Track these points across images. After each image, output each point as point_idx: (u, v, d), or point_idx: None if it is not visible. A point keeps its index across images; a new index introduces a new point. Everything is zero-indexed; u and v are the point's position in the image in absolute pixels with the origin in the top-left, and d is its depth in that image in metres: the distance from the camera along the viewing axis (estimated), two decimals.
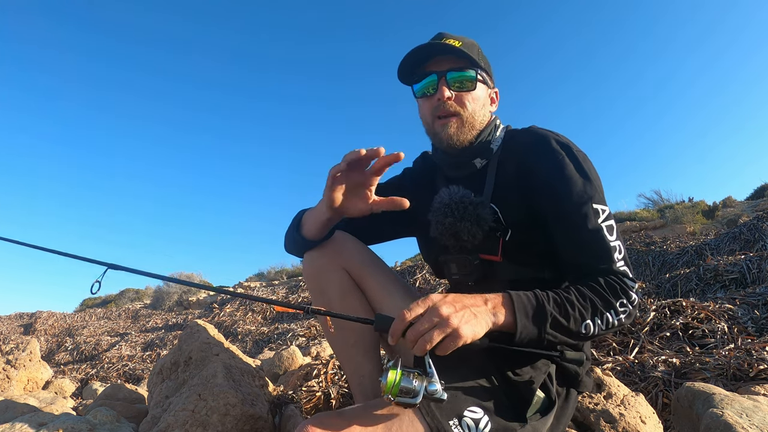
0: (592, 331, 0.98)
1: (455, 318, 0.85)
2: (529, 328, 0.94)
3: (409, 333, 0.86)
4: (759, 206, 9.36)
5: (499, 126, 1.29)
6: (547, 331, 0.95)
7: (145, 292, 15.06)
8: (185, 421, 1.45)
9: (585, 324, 0.97)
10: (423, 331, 0.85)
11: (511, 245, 1.15)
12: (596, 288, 1.01)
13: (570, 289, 1.00)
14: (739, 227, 5.61)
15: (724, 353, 1.87)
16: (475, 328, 0.87)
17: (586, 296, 0.99)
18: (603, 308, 0.99)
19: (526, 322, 0.94)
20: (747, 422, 1.01)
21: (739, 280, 3.67)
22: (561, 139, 1.16)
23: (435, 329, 0.84)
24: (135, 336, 7.85)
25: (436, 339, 0.84)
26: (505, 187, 1.19)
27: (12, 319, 11.66)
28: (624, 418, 1.30)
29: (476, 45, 1.25)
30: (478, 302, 0.92)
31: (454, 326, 0.85)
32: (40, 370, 3.11)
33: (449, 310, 0.86)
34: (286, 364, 2.68)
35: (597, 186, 1.11)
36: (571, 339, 0.98)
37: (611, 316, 1.00)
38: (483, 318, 0.90)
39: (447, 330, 0.84)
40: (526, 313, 0.94)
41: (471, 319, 0.88)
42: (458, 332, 0.85)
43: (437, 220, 1.19)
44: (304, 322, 6.08)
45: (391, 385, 0.84)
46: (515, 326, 0.93)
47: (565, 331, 0.96)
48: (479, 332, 0.88)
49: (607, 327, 1.00)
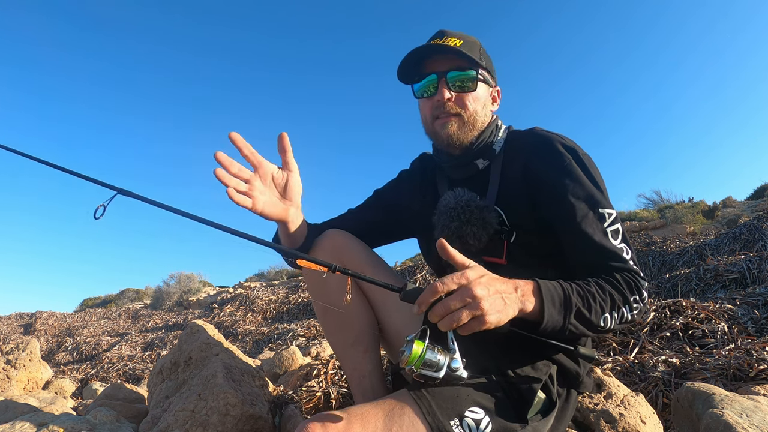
0: (609, 325, 0.99)
1: (486, 302, 0.84)
2: (554, 318, 0.94)
3: (438, 307, 0.84)
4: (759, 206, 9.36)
5: (501, 126, 1.28)
6: (570, 321, 0.95)
7: (145, 292, 15.06)
8: (185, 421, 1.45)
9: (604, 317, 0.98)
10: (453, 308, 0.83)
11: (516, 248, 1.15)
12: (614, 282, 1.01)
13: (590, 282, 1.01)
14: (739, 227, 5.62)
15: (724, 353, 1.87)
16: (501, 315, 0.87)
17: (605, 290, 1.00)
18: (620, 303, 1.00)
19: (553, 311, 0.94)
20: (747, 422, 1.01)
21: (739, 280, 3.66)
22: (566, 141, 1.16)
23: (465, 309, 0.83)
24: (135, 336, 7.85)
25: (464, 319, 0.83)
26: (510, 189, 1.18)
27: (12, 319, 11.66)
28: (624, 418, 1.30)
29: (478, 43, 1.24)
30: (509, 288, 0.90)
31: (484, 310, 0.83)
32: (40, 370, 3.11)
33: (483, 292, 0.84)
34: (286, 364, 2.68)
35: (603, 189, 1.11)
36: (589, 331, 0.99)
37: (626, 311, 1.01)
38: (511, 306, 0.89)
39: (476, 312, 0.83)
40: (553, 303, 0.94)
41: (501, 305, 0.87)
42: (485, 318, 0.84)
43: (443, 224, 1.19)
44: (304, 322, 6.07)
45: (416, 357, 0.83)
46: (542, 315, 0.93)
47: (586, 323, 0.97)
48: (504, 320, 0.87)
49: (621, 321, 1.01)
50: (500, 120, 1.30)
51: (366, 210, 1.45)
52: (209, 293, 12.45)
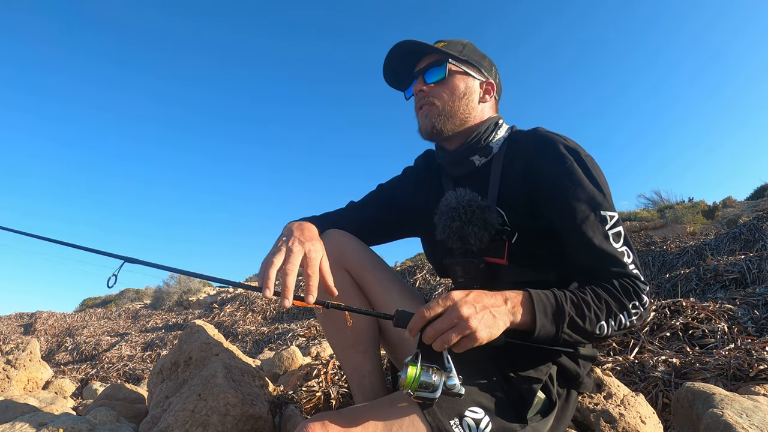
0: (606, 332, 0.99)
1: (474, 320, 0.86)
2: (547, 328, 0.94)
3: (428, 330, 0.87)
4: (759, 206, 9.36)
5: (501, 125, 1.28)
6: (563, 330, 0.95)
7: (145, 292, 15.05)
8: (185, 421, 1.45)
9: (600, 325, 0.97)
10: (442, 330, 0.86)
11: (517, 248, 1.15)
12: (610, 289, 1.01)
13: (585, 290, 1.00)
14: (739, 227, 5.62)
15: (724, 353, 1.87)
16: (492, 330, 0.88)
17: (601, 297, 0.99)
18: (617, 310, 0.99)
19: (545, 321, 0.94)
20: (747, 422, 1.01)
21: (739, 280, 3.67)
22: (569, 143, 1.15)
23: (453, 330, 0.85)
24: (135, 336, 7.85)
25: (454, 340, 0.85)
26: (511, 189, 1.18)
27: (12, 319, 11.66)
28: (624, 418, 1.30)
29: (463, 42, 1.28)
30: (498, 302, 0.91)
31: (472, 328, 0.85)
32: (40, 370, 3.11)
33: (469, 311, 0.86)
34: (286, 364, 2.68)
35: (605, 192, 1.10)
36: (585, 339, 0.99)
37: (624, 318, 1.00)
38: (501, 319, 0.90)
39: (465, 332, 0.85)
40: (545, 313, 0.94)
41: (490, 321, 0.88)
42: (475, 335, 0.86)
43: (444, 224, 1.19)
44: (304, 322, 6.07)
45: (411, 380, 0.85)
46: (534, 325, 0.93)
47: (581, 332, 0.97)
48: (496, 334, 0.89)
49: (620, 328, 1.00)
50: (502, 119, 1.30)
51: (368, 206, 1.44)
52: (209, 293, 12.45)
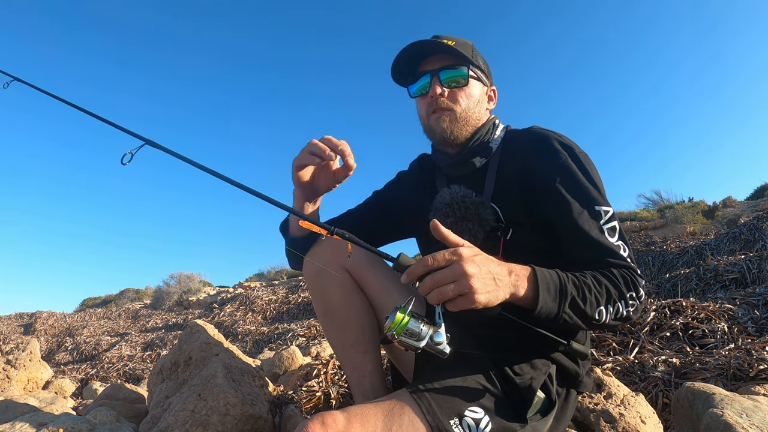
0: (604, 319, 0.98)
1: (476, 281, 0.83)
2: (549, 305, 0.93)
3: (427, 279, 0.84)
4: (759, 206, 9.35)
5: (498, 125, 1.29)
6: (564, 310, 0.94)
7: (145, 292, 15.05)
8: (185, 421, 1.45)
9: (599, 310, 0.97)
10: (441, 282, 0.83)
11: (512, 244, 1.15)
12: (610, 277, 1.01)
13: (587, 274, 1.00)
14: (739, 227, 5.61)
15: (724, 353, 1.87)
16: (491, 296, 0.85)
17: (602, 283, 0.99)
18: (616, 297, 0.99)
19: (548, 298, 0.93)
20: (747, 422, 1.01)
21: (739, 280, 3.66)
22: (563, 139, 1.16)
23: (453, 284, 0.82)
24: (135, 336, 7.85)
25: (451, 295, 0.82)
26: (506, 186, 1.19)
27: (12, 319, 11.66)
28: (624, 418, 1.30)
29: (470, 44, 1.27)
30: (503, 271, 0.89)
31: (473, 288, 0.82)
32: (40, 370, 3.11)
33: (474, 270, 0.83)
34: (286, 364, 2.68)
35: (600, 187, 1.11)
36: (583, 323, 0.98)
37: (621, 306, 1.00)
38: (503, 288, 0.88)
39: (464, 290, 0.82)
40: (548, 290, 0.93)
41: (492, 286, 0.85)
42: (474, 296, 0.82)
43: (438, 220, 1.19)
44: (304, 322, 6.08)
45: (397, 324, 0.83)
46: (536, 301, 0.92)
47: (581, 314, 0.96)
48: (494, 302, 0.86)
49: (617, 317, 1.00)
50: (498, 119, 1.31)
51: (365, 211, 1.45)
52: (209, 293, 12.45)
